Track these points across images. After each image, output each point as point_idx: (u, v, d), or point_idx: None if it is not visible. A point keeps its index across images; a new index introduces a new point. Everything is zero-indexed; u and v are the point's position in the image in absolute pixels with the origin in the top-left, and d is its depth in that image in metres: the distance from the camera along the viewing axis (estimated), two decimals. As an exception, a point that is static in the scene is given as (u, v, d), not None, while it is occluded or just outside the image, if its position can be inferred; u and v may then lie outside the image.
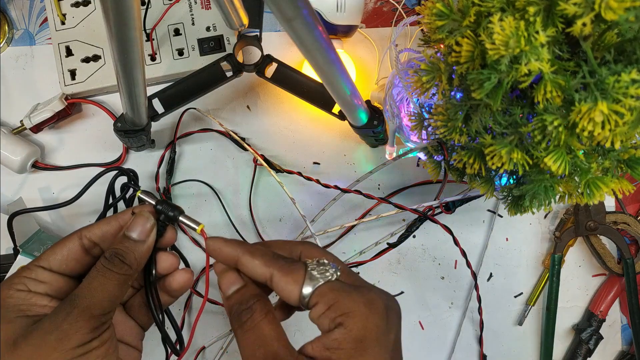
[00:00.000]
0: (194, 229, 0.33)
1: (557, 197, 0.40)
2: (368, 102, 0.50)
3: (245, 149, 0.55)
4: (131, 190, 0.52)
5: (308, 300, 0.28)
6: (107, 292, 0.29)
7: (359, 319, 0.26)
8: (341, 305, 0.27)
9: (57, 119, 0.55)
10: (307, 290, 0.28)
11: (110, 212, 0.53)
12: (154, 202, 0.33)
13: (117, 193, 0.52)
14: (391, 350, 0.27)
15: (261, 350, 0.27)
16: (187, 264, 0.56)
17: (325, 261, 0.29)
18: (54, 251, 0.31)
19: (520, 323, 0.57)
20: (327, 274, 0.28)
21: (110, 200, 0.52)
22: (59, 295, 0.30)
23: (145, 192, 0.34)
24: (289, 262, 0.29)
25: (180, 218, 0.33)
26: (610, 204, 0.58)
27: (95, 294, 0.28)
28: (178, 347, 0.36)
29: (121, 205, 0.53)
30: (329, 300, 0.27)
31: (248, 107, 0.58)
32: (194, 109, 0.56)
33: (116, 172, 0.51)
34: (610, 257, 0.56)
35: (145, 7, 0.55)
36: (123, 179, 0.52)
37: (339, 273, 0.29)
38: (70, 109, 0.56)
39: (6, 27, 0.57)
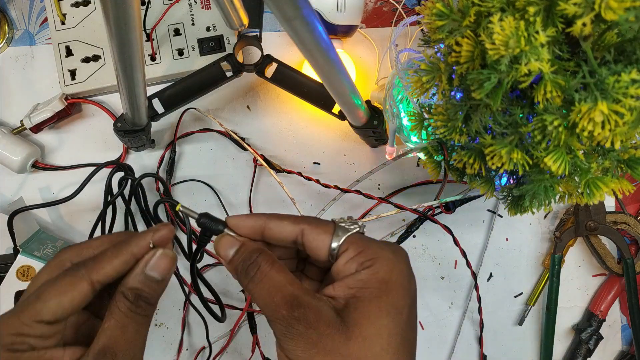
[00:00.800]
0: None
1: (557, 197, 0.40)
2: (368, 102, 0.50)
3: (245, 149, 0.55)
4: (129, 185, 0.52)
5: (338, 249, 0.28)
6: (141, 335, 0.28)
7: (386, 262, 0.28)
8: (370, 251, 0.28)
9: (57, 119, 0.55)
10: (337, 239, 0.28)
11: (109, 212, 0.53)
12: (196, 216, 0.31)
13: (115, 190, 0.52)
14: (412, 297, 0.28)
15: (278, 295, 0.27)
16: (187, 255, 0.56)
17: (352, 217, 0.30)
18: (58, 298, 0.26)
19: (520, 323, 0.57)
20: (356, 226, 0.29)
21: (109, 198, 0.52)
22: (72, 338, 0.28)
23: (185, 207, 0.31)
24: (318, 219, 0.30)
25: (225, 231, 0.30)
26: (610, 204, 0.58)
27: (133, 342, 0.27)
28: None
29: (121, 206, 0.53)
30: (359, 246, 0.28)
31: (248, 107, 0.58)
32: (194, 109, 0.56)
33: (113, 167, 0.51)
34: (610, 257, 0.56)
35: (145, 7, 0.55)
36: (120, 175, 0.52)
37: (365, 229, 0.30)
38: (70, 109, 0.56)
39: (6, 27, 0.57)
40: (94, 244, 0.29)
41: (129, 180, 0.51)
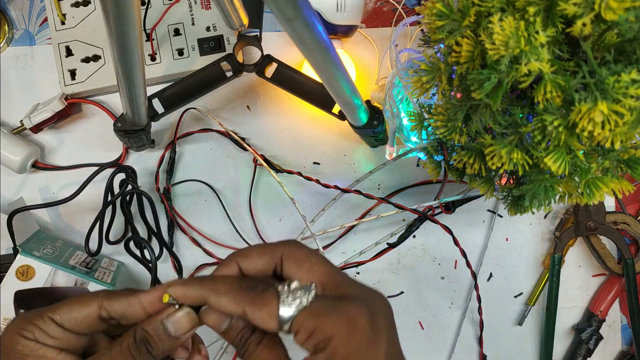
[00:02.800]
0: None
1: (557, 197, 0.40)
2: (368, 102, 0.50)
3: (245, 149, 0.55)
4: (130, 187, 0.52)
5: (288, 330, 0.27)
6: None
7: (340, 341, 0.26)
8: (321, 330, 0.26)
9: (57, 119, 0.55)
10: (283, 323, 0.27)
11: (109, 211, 0.53)
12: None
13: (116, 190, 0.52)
14: None
15: None
16: (181, 268, 0.56)
17: (296, 285, 0.27)
18: (70, 309, 0.28)
19: (520, 323, 0.57)
20: (301, 300, 0.27)
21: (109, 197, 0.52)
22: (68, 348, 0.28)
23: (174, 298, 0.29)
24: (259, 292, 0.27)
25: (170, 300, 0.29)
26: (610, 204, 0.58)
27: None
28: None
29: (121, 209, 0.53)
30: (308, 328, 0.26)
31: (248, 107, 0.58)
32: (194, 108, 0.56)
33: (114, 169, 0.51)
34: (610, 257, 0.56)
35: (145, 7, 0.55)
36: (122, 177, 0.52)
37: (313, 293, 0.27)
38: (70, 109, 0.56)
39: (6, 27, 0.57)
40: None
41: (129, 185, 0.51)
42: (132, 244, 0.53)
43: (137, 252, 0.53)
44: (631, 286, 0.55)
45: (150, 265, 0.52)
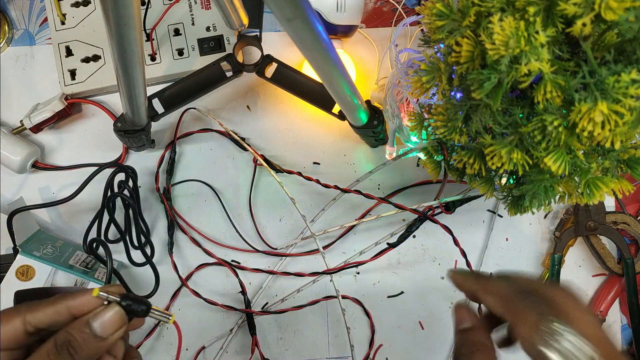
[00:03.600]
0: (166, 321, 0.29)
1: (557, 197, 0.40)
2: (368, 102, 0.50)
3: (245, 149, 0.55)
4: (128, 188, 0.52)
5: None
6: None
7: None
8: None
9: (57, 119, 0.55)
10: None
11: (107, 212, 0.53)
12: (118, 299, 0.28)
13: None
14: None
15: None
16: (158, 278, 0.54)
17: (578, 340, 0.25)
18: None
19: (520, 323, 0.57)
20: (577, 356, 0.25)
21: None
22: None
23: (104, 288, 0.28)
24: (528, 311, 0.26)
25: (150, 312, 0.29)
26: (610, 204, 0.58)
27: None
28: None
29: (119, 205, 0.53)
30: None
31: (248, 107, 0.58)
32: (194, 108, 0.56)
33: (114, 168, 0.51)
34: (610, 257, 0.56)
35: (145, 7, 0.55)
36: (122, 177, 0.52)
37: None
38: (70, 109, 0.56)
39: (6, 27, 0.57)
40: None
41: (128, 184, 0.51)
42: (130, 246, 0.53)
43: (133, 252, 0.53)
44: (631, 286, 0.55)
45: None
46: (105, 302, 0.27)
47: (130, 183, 0.52)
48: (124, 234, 0.52)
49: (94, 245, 0.47)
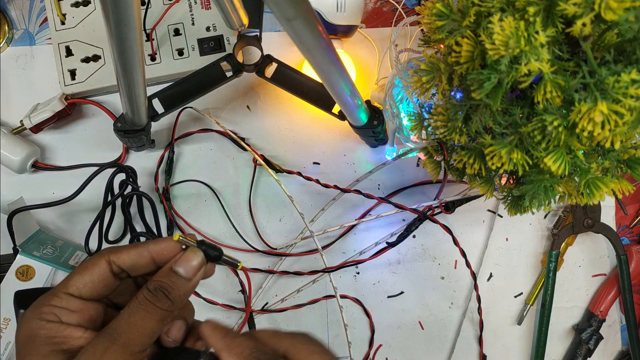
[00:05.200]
0: (236, 266, 0.32)
1: (557, 197, 0.40)
2: (368, 102, 0.50)
3: (245, 149, 0.55)
4: (130, 188, 0.52)
5: None
6: (148, 328, 0.27)
7: None
8: None
9: (57, 119, 0.55)
10: None
11: (108, 211, 0.53)
12: (195, 243, 0.30)
13: (116, 190, 0.52)
14: None
15: None
16: None
17: None
18: (82, 276, 0.28)
19: (519, 323, 0.57)
20: None
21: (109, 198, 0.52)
22: (92, 324, 0.28)
23: (183, 235, 0.31)
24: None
25: (223, 258, 0.31)
26: (610, 204, 0.58)
27: (136, 329, 0.27)
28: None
29: (120, 206, 0.53)
30: None
31: (248, 107, 0.58)
32: (191, 107, 0.56)
33: (115, 169, 0.51)
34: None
35: (145, 7, 0.55)
36: (122, 177, 0.52)
37: None
38: (70, 109, 0.56)
39: (6, 27, 0.57)
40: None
41: (129, 186, 0.51)
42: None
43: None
44: (625, 283, 0.55)
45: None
46: (184, 247, 0.30)
47: (129, 188, 0.52)
48: (154, 234, 0.53)
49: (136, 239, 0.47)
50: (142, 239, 0.54)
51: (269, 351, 0.28)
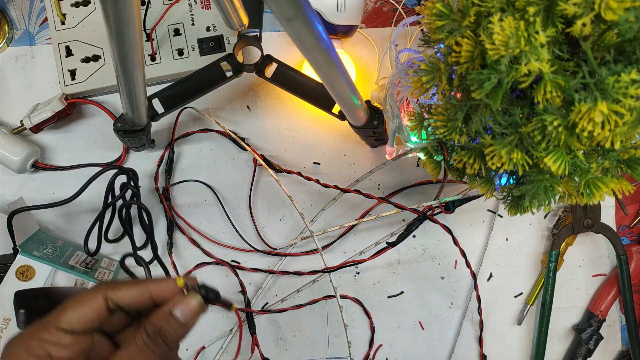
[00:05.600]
0: (230, 307, 0.32)
1: (557, 197, 0.40)
2: (368, 102, 0.50)
3: (245, 149, 0.55)
4: (130, 191, 0.52)
5: None
6: None
7: None
8: None
9: (57, 119, 0.55)
10: None
11: (108, 213, 0.53)
12: (196, 287, 0.31)
13: (117, 192, 0.52)
14: None
15: None
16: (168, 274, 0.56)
17: None
18: (76, 310, 0.28)
19: (519, 323, 0.57)
20: None
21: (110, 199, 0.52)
22: (82, 357, 0.28)
23: (186, 278, 0.31)
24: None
25: (220, 299, 0.32)
26: (610, 204, 0.58)
27: None
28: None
29: (119, 217, 0.53)
30: None
31: (248, 107, 0.58)
32: (191, 107, 0.56)
33: (116, 170, 0.51)
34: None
35: (145, 7, 0.55)
36: (122, 178, 0.52)
37: None
38: (70, 109, 0.56)
39: (6, 27, 0.57)
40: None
41: (130, 190, 0.51)
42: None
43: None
44: (625, 283, 0.55)
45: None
46: (185, 291, 0.30)
47: (129, 193, 0.52)
48: (134, 242, 0.53)
49: (124, 260, 0.47)
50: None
51: None
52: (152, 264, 0.53)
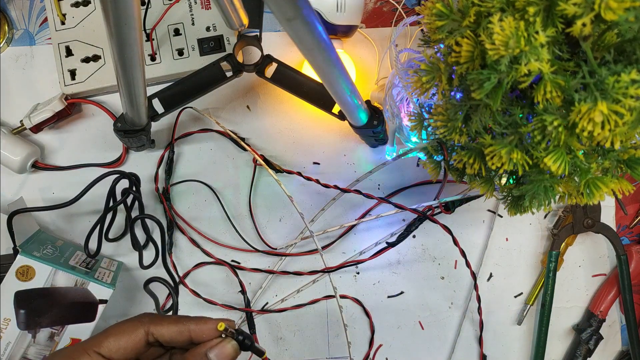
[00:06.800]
0: (262, 354, 0.33)
1: (557, 197, 0.40)
2: (368, 102, 0.50)
3: (245, 149, 0.55)
4: (131, 195, 0.52)
5: None
6: None
7: None
8: None
9: (57, 119, 0.55)
10: None
11: (109, 215, 0.53)
12: (234, 332, 0.32)
13: (118, 195, 0.52)
14: None
15: None
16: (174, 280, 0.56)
17: None
18: (118, 340, 0.29)
19: (519, 323, 0.57)
20: None
21: (111, 203, 0.52)
22: None
23: (226, 323, 0.32)
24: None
25: (253, 346, 0.33)
26: (610, 204, 0.58)
27: None
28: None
29: (121, 208, 0.53)
30: None
31: (248, 107, 0.58)
32: (191, 107, 0.56)
33: (117, 175, 0.51)
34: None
35: (145, 7, 0.55)
36: (123, 182, 0.52)
37: None
38: (70, 109, 0.56)
39: (6, 27, 0.57)
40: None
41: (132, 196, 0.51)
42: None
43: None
44: (625, 283, 0.55)
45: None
46: (223, 335, 0.31)
47: (130, 197, 0.52)
48: (140, 247, 0.53)
49: (149, 284, 0.46)
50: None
51: None
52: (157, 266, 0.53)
